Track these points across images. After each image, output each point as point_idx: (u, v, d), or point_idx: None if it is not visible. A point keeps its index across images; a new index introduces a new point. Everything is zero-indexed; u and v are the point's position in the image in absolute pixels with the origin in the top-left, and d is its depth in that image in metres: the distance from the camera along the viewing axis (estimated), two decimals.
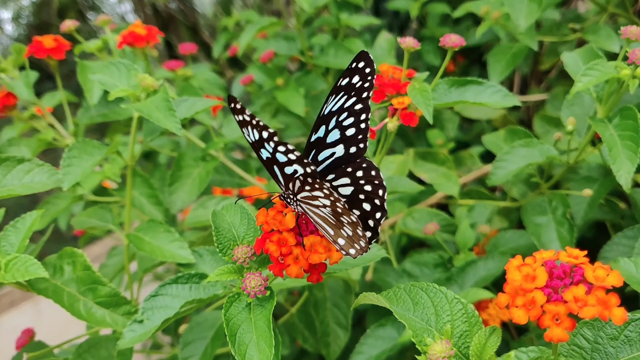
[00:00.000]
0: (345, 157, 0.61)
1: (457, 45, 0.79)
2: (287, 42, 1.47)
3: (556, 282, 0.45)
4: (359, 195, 0.59)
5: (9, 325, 2.77)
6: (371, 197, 0.58)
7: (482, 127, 1.67)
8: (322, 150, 0.61)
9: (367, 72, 0.60)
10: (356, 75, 0.60)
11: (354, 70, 0.60)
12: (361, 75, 0.60)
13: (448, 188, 1.13)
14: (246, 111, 0.53)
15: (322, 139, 0.61)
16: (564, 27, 1.30)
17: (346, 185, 0.60)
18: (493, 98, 0.84)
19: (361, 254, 0.55)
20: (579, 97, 0.95)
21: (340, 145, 0.61)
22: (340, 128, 0.61)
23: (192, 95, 1.10)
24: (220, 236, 0.63)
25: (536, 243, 0.93)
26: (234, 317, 0.58)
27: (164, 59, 2.77)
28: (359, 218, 0.58)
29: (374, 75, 0.60)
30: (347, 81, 0.60)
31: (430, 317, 0.52)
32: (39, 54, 1.04)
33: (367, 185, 0.59)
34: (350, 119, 0.60)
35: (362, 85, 0.60)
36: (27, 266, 0.67)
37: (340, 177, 0.60)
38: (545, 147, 0.94)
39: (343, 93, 0.60)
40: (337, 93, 0.61)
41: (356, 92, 0.60)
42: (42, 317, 2.66)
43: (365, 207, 0.59)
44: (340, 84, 0.60)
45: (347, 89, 0.60)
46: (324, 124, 0.61)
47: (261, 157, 0.57)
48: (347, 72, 0.60)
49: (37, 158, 0.80)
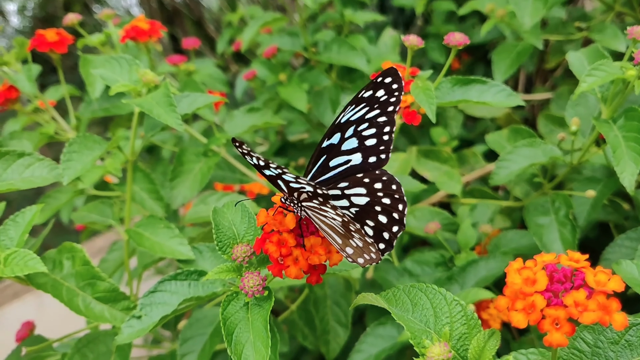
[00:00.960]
0: (362, 166, 0.60)
1: (461, 44, 0.78)
2: (291, 37, 1.46)
3: (557, 286, 0.44)
4: (375, 207, 0.58)
5: (12, 317, 2.77)
6: (389, 210, 0.57)
7: (486, 125, 1.67)
8: (336, 157, 0.61)
9: (394, 88, 0.59)
10: (381, 90, 0.59)
11: (379, 84, 0.59)
12: (387, 90, 0.59)
13: (450, 187, 1.13)
14: (252, 154, 0.52)
15: (336, 145, 0.61)
16: (570, 26, 1.29)
17: (361, 195, 0.59)
18: (497, 97, 0.84)
19: (370, 264, 0.54)
20: (583, 97, 0.95)
21: (357, 154, 0.60)
22: (358, 137, 0.60)
23: (195, 91, 1.09)
24: (220, 234, 0.63)
25: (538, 244, 0.93)
26: (232, 316, 0.58)
27: (169, 52, 2.77)
28: (375, 229, 0.57)
29: (401, 92, 0.59)
30: (370, 94, 0.59)
31: (429, 319, 0.52)
32: (42, 47, 1.04)
33: (385, 198, 0.58)
34: (372, 129, 0.59)
35: (388, 99, 0.59)
36: (26, 261, 0.67)
37: (355, 187, 0.59)
38: (549, 147, 0.94)
39: (365, 105, 0.60)
40: (357, 104, 0.60)
41: (380, 105, 0.59)
42: (44, 308, 2.67)
43: (382, 219, 0.58)
44: (362, 95, 0.60)
45: (369, 101, 0.59)
46: (339, 131, 0.60)
47: (263, 174, 0.56)
48: (372, 85, 0.59)
49: (40, 152, 0.80)
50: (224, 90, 1.48)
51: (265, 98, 1.54)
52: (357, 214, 0.58)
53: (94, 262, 0.78)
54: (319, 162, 0.62)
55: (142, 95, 0.80)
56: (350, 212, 0.58)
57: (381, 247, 0.57)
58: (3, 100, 1.03)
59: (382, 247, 0.57)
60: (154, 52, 1.86)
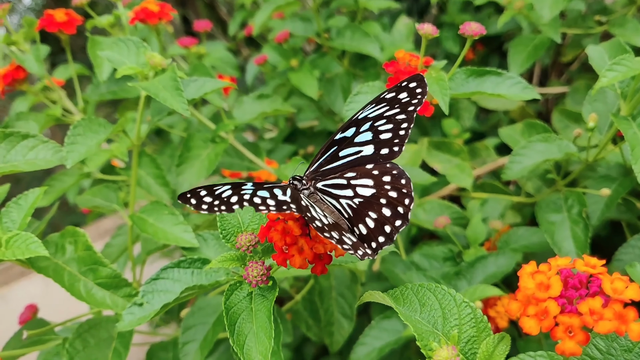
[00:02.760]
0: (372, 157, 0.60)
1: (477, 34, 0.76)
2: (303, 22, 1.44)
3: (571, 293, 0.43)
4: (381, 200, 0.57)
5: (19, 295, 2.79)
6: (395, 204, 0.56)
7: (499, 117, 1.64)
8: (347, 148, 0.61)
9: (417, 92, 0.59)
10: (404, 92, 0.59)
11: (403, 88, 0.59)
12: (410, 93, 0.59)
13: (461, 180, 1.11)
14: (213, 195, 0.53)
15: (349, 138, 0.61)
16: (590, 19, 1.26)
17: (368, 187, 0.58)
18: (512, 90, 0.82)
19: (368, 257, 0.53)
20: (602, 92, 0.92)
21: (370, 146, 0.60)
22: (374, 131, 0.60)
23: (204, 75, 1.07)
24: (224, 222, 0.62)
25: (549, 241, 0.91)
26: (235, 306, 0.56)
27: (181, 34, 2.74)
28: (376, 221, 0.57)
29: (424, 97, 0.59)
30: (392, 95, 0.60)
31: (437, 320, 0.50)
32: (50, 27, 1.02)
33: (392, 191, 0.57)
34: (389, 125, 0.59)
35: (410, 101, 0.59)
36: (27, 244, 0.66)
37: (362, 177, 0.59)
38: (564, 143, 0.91)
39: (385, 104, 0.60)
40: (378, 104, 0.60)
41: (401, 105, 0.59)
42: (51, 287, 2.67)
43: (385, 212, 0.57)
44: (385, 96, 0.60)
45: (390, 102, 0.60)
46: (355, 126, 0.61)
47: None
48: (396, 88, 0.59)
49: (51, 132, 0.78)
50: (234, 75, 1.46)
51: (276, 84, 1.52)
52: (360, 204, 0.58)
53: (100, 244, 0.77)
54: (328, 152, 0.62)
55: (149, 78, 0.78)
56: (354, 202, 0.58)
57: (380, 240, 0.56)
58: (10, 80, 1.02)
59: (381, 240, 0.56)
60: (165, 34, 1.84)
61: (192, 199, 0.53)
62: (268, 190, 0.55)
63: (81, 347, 0.75)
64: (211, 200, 0.53)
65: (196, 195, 0.53)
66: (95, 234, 2.52)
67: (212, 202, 0.53)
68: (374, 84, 0.84)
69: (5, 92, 1.05)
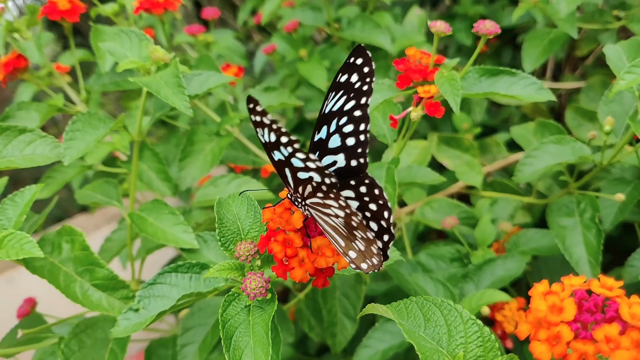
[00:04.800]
0: (346, 169, 0.55)
1: (492, 32, 0.73)
2: (314, 12, 1.41)
3: (586, 317, 0.40)
4: (365, 213, 0.53)
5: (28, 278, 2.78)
6: (377, 217, 0.53)
7: (511, 112, 1.61)
8: (325, 155, 0.55)
9: (365, 72, 0.53)
10: (355, 74, 0.54)
11: (352, 66, 0.54)
12: (360, 74, 0.53)
13: (470, 178, 1.08)
14: (267, 115, 0.47)
15: (324, 141, 0.55)
16: (607, 14, 1.22)
17: (352, 199, 0.54)
18: (526, 91, 0.78)
19: (373, 270, 0.51)
20: (618, 94, 0.89)
21: (341, 155, 0.55)
22: (340, 134, 0.55)
23: (209, 67, 1.05)
24: (223, 228, 0.59)
25: (560, 247, 0.88)
26: (232, 319, 0.54)
27: (193, 20, 2.72)
28: None
29: (372, 77, 0.53)
30: (345, 78, 0.54)
31: (442, 337, 0.48)
32: (53, 15, 1.00)
33: (372, 203, 0.53)
34: (350, 126, 0.54)
35: (361, 87, 0.54)
36: (22, 244, 0.64)
37: (344, 189, 0.55)
38: (578, 145, 0.88)
39: (343, 92, 0.54)
40: (336, 90, 0.54)
41: (355, 94, 0.54)
42: None
43: (373, 226, 0.53)
44: (339, 80, 0.54)
45: (346, 87, 0.54)
46: (325, 124, 0.55)
47: (272, 158, 0.52)
48: (345, 67, 0.54)
49: (57, 121, 0.76)
50: (242, 64, 1.43)
51: (284, 74, 1.49)
52: None
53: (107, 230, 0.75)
54: None
55: (150, 73, 0.75)
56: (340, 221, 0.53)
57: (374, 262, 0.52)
58: (11, 69, 1.00)
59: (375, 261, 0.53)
60: (174, 21, 1.82)
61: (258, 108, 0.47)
62: None
63: (77, 347, 0.73)
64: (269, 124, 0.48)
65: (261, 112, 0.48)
66: (102, 219, 2.51)
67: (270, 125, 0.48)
68: (384, 82, 0.81)
69: (6, 80, 1.03)
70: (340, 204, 0.49)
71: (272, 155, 0.51)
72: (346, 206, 0.49)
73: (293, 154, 0.48)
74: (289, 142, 0.47)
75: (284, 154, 0.49)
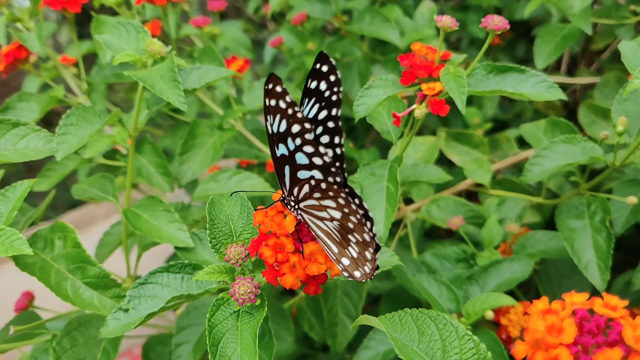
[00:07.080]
0: None
1: (500, 28, 0.70)
2: (322, 4, 1.38)
3: (587, 339, 0.38)
4: (349, 224, 0.50)
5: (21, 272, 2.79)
6: (361, 228, 0.50)
7: (524, 106, 1.57)
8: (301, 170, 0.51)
9: (332, 81, 0.51)
10: (323, 81, 0.51)
11: (318, 72, 0.51)
12: (327, 83, 0.51)
13: (479, 176, 1.05)
14: (286, 97, 0.45)
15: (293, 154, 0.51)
16: (624, 9, 1.18)
17: (333, 209, 0.51)
18: (535, 89, 0.75)
19: (366, 279, 0.48)
20: (633, 92, 0.85)
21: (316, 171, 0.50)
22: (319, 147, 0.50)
23: (212, 60, 1.03)
24: (214, 229, 0.57)
25: (568, 250, 0.85)
26: (219, 324, 0.52)
27: (204, 8, 2.70)
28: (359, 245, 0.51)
29: (339, 87, 0.51)
30: (315, 85, 0.51)
31: (436, 353, 0.45)
32: (54, 5, 0.98)
33: (351, 215, 0.50)
34: (326, 137, 0.52)
35: (330, 97, 0.51)
36: (11, 241, 0.63)
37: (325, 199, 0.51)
38: (589, 145, 0.85)
39: (315, 100, 0.52)
40: (309, 97, 0.52)
41: (326, 103, 0.51)
42: None
43: (358, 237, 0.51)
44: (309, 86, 0.52)
45: (317, 95, 0.51)
46: None
47: (274, 152, 0.49)
48: (312, 73, 0.51)
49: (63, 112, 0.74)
50: (248, 56, 1.41)
51: (292, 67, 1.47)
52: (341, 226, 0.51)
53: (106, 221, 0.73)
54: None
55: (147, 66, 0.73)
56: (334, 225, 0.51)
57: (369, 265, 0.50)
58: (12, 60, 0.99)
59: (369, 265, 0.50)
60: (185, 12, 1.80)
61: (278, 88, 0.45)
62: None
63: (69, 345, 0.72)
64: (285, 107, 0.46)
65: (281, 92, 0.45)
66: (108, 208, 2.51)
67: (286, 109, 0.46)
68: (388, 78, 0.79)
69: (7, 71, 1.01)
70: (339, 203, 0.47)
71: (275, 149, 0.49)
72: (345, 205, 0.47)
73: (301, 147, 0.46)
74: (301, 131, 0.45)
75: (290, 147, 0.47)
